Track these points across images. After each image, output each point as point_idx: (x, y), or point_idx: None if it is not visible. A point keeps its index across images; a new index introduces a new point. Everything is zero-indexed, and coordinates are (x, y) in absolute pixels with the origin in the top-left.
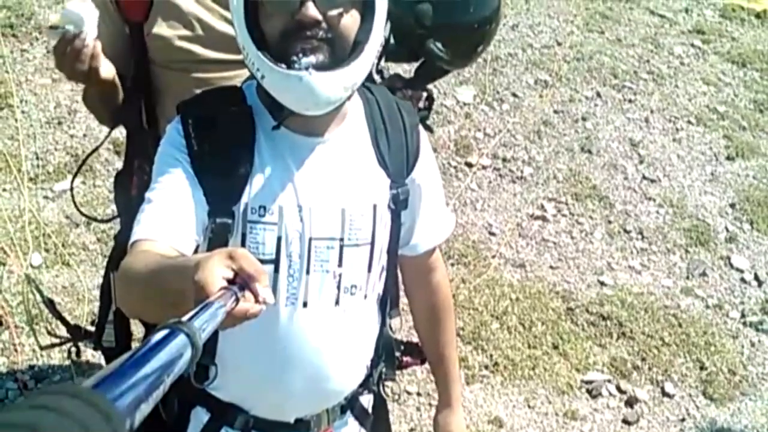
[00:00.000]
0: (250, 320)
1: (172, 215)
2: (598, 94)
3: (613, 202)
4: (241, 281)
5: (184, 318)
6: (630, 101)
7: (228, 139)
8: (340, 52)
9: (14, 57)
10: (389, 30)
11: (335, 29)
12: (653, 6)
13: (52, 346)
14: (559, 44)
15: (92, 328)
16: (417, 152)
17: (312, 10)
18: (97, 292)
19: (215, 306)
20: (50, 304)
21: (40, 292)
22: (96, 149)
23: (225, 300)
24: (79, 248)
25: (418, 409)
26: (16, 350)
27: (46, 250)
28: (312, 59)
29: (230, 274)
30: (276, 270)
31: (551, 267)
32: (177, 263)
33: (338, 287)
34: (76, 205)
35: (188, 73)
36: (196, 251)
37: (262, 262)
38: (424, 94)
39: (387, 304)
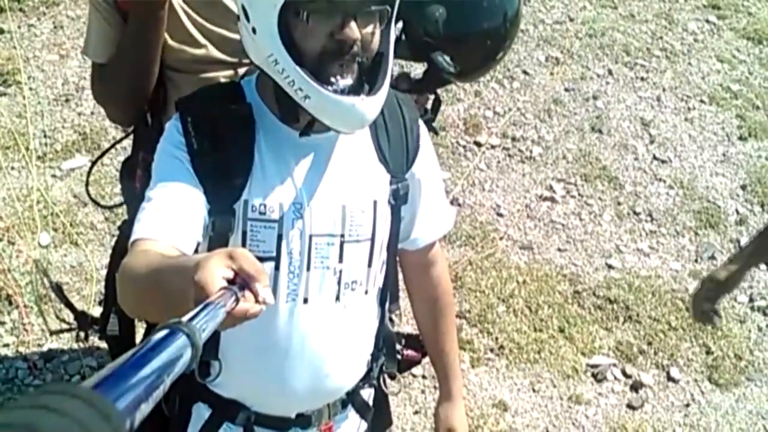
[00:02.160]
0: (250, 320)
1: (172, 214)
2: (610, 72)
3: (623, 183)
4: (241, 281)
5: (184, 318)
6: (642, 79)
7: (228, 137)
8: (366, 65)
9: (21, 32)
10: (399, 27)
11: (367, 46)
12: None
13: (60, 331)
14: (571, 20)
15: (98, 314)
16: (417, 147)
17: (354, 30)
18: (105, 272)
19: (215, 306)
20: (58, 289)
21: (48, 277)
22: (110, 148)
23: (225, 300)
24: (87, 227)
25: (423, 391)
26: (25, 330)
27: (54, 230)
28: (348, 80)
29: (230, 274)
30: (276, 267)
31: (559, 249)
32: (177, 263)
33: (339, 283)
34: (90, 197)
35: (189, 72)
36: (196, 250)
37: (263, 259)
38: (432, 97)
39: (386, 298)
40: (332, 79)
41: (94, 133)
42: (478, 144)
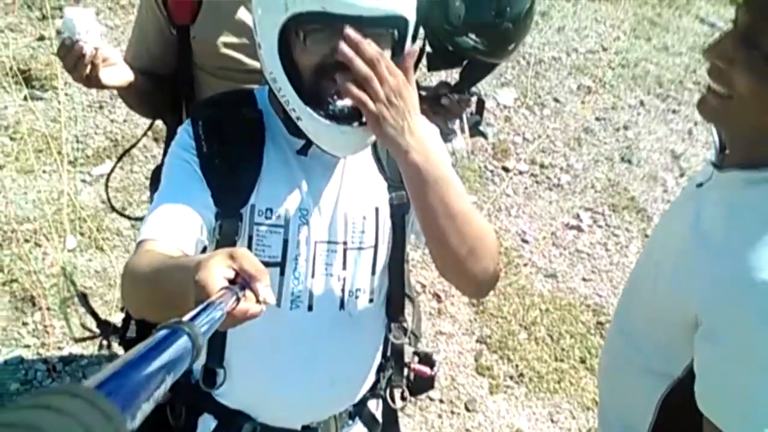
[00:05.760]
0: (251, 320)
1: (178, 216)
2: (642, 103)
3: (651, 215)
4: (242, 281)
5: (185, 318)
6: (674, 112)
7: (237, 142)
8: None
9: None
10: (424, 39)
11: None
12: (703, 14)
13: (84, 339)
14: (604, 50)
15: (120, 322)
16: None
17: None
18: None
19: (216, 306)
20: (83, 298)
21: (75, 285)
22: (132, 147)
23: (226, 300)
24: (113, 233)
25: (440, 416)
26: (46, 332)
27: (81, 234)
28: (348, 102)
29: (231, 274)
30: (282, 273)
31: (584, 279)
32: (179, 263)
33: (343, 290)
34: (111, 204)
35: (233, 81)
36: (204, 252)
37: (268, 264)
38: (474, 99)
39: (393, 307)
40: (329, 100)
41: (126, 141)
42: (506, 169)
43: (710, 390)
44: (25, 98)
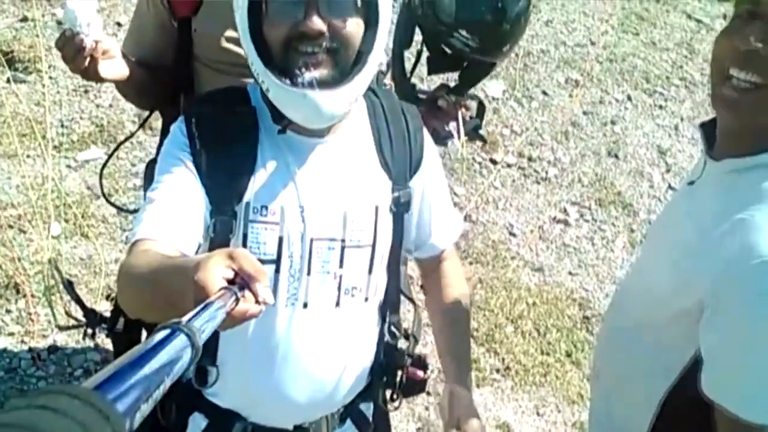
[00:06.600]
0: (250, 321)
1: (173, 215)
2: (629, 98)
3: (637, 210)
4: (241, 281)
5: (184, 318)
6: (660, 107)
7: (231, 139)
8: (343, 63)
9: (45, 21)
10: (422, 42)
11: (339, 38)
12: (690, 10)
13: (68, 328)
14: (592, 43)
15: (108, 314)
16: (420, 156)
17: (316, 21)
18: (114, 266)
19: (215, 306)
20: (69, 286)
21: (60, 273)
22: (126, 140)
23: (225, 300)
24: (98, 220)
25: (427, 408)
26: (31, 320)
27: (66, 220)
28: (315, 74)
29: (230, 274)
30: (277, 270)
31: (570, 273)
32: (177, 263)
33: (339, 288)
34: (105, 195)
35: (232, 75)
36: (198, 251)
37: (264, 262)
38: (475, 103)
39: (388, 309)
40: (297, 72)
41: (111, 126)
42: (493, 161)
43: (718, 375)
44: (8, 81)
